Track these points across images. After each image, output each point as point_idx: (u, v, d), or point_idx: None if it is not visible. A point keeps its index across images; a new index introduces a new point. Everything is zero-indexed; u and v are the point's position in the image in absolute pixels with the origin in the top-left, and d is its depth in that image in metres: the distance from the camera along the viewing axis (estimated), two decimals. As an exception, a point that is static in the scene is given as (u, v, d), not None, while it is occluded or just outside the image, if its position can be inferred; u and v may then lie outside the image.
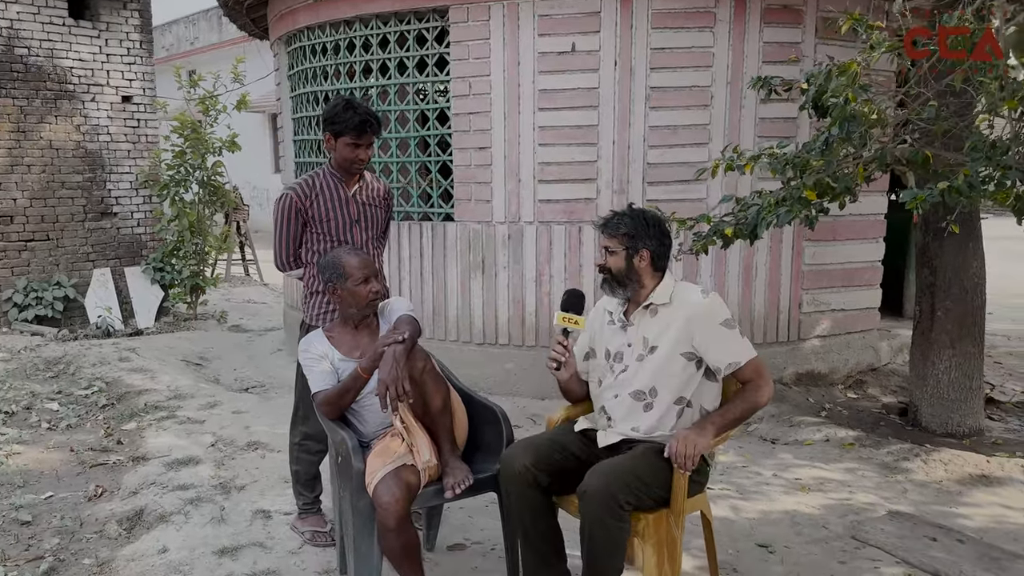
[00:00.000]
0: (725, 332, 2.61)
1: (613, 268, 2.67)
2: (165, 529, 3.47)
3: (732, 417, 2.60)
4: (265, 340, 7.57)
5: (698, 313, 2.62)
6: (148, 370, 6.08)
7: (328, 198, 3.28)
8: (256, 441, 4.52)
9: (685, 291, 2.69)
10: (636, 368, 2.67)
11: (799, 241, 5.20)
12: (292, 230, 3.29)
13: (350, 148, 3.19)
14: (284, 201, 3.28)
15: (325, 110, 3.23)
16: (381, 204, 3.44)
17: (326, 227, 3.28)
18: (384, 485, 2.55)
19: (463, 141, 5.25)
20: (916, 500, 3.77)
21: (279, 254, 3.36)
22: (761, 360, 2.64)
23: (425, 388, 2.76)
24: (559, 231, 5.14)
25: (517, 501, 2.64)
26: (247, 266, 11.93)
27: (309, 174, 3.35)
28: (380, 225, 3.45)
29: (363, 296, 2.85)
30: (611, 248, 2.67)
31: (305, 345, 2.95)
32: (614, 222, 2.67)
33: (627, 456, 2.53)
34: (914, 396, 4.79)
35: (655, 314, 2.68)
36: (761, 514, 3.62)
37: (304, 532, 3.43)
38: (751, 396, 2.61)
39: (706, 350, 2.62)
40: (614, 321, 2.77)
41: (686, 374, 2.64)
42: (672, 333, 2.63)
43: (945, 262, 4.58)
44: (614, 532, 2.38)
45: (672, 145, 4.97)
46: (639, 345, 2.68)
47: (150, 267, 8.43)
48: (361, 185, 3.36)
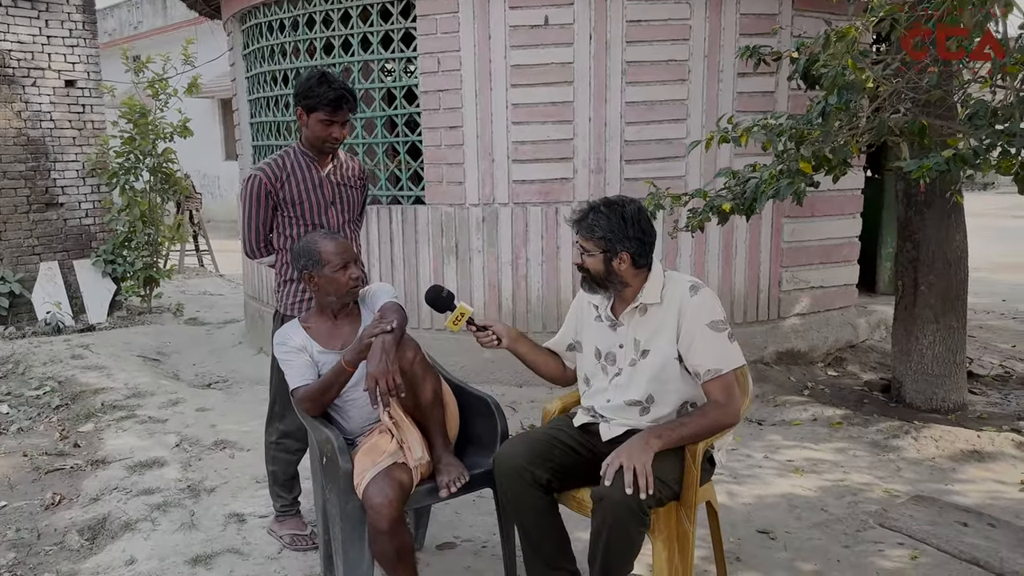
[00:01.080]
0: (710, 334, 2.40)
1: (591, 269, 2.46)
2: (131, 538, 3.24)
3: (686, 434, 2.34)
4: (225, 332, 7.28)
5: (684, 311, 2.42)
6: (103, 367, 5.78)
7: (300, 179, 3.07)
8: (224, 440, 4.28)
9: (674, 286, 2.47)
10: (630, 374, 2.49)
11: (778, 218, 5.10)
12: (262, 214, 3.08)
13: (324, 125, 2.98)
14: (252, 183, 3.06)
15: (298, 84, 3.03)
16: (357, 185, 3.23)
17: (298, 210, 3.07)
18: (375, 486, 2.37)
19: (432, 120, 5.04)
20: (911, 478, 3.70)
21: (248, 240, 3.14)
22: (736, 377, 2.41)
23: (415, 380, 2.58)
24: (535, 213, 4.96)
25: (516, 501, 2.46)
26: (201, 257, 11.55)
27: (279, 153, 3.13)
28: (356, 207, 3.24)
29: (342, 284, 2.65)
30: (587, 249, 2.45)
31: (281, 338, 2.74)
32: (588, 223, 2.43)
33: None
34: (897, 372, 4.74)
35: (645, 313, 2.49)
36: (757, 499, 3.51)
37: (283, 536, 3.24)
38: (712, 414, 2.36)
39: (686, 351, 2.41)
40: (602, 318, 2.58)
41: (687, 382, 2.46)
42: (665, 335, 2.44)
43: (928, 235, 4.52)
44: (634, 536, 2.22)
45: (650, 121, 4.82)
46: (630, 348, 2.50)
47: (101, 259, 8.04)
48: (335, 165, 3.15)
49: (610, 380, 2.53)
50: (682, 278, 2.51)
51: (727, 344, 2.41)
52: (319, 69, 3.07)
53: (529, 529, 2.49)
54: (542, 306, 5.04)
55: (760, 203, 2.78)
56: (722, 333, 2.42)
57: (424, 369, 2.59)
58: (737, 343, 2.44)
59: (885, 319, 5.89)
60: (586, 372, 2.61)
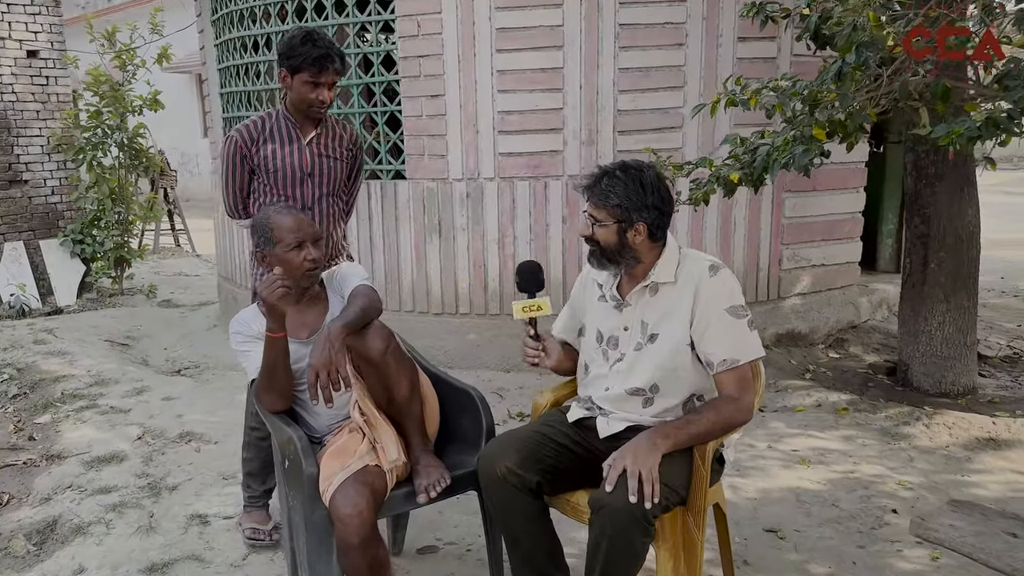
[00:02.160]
0: (728, 320, 2.14)
1: (602, 242, 2.18)
2: (82, 543, 2.97)
3: (696, 432, 2.09)
4: (199, 315, 6.96)
5: (701, 292, 2.16)
6: (67, 353, 5.47)
7: (278, 145, 2.83)
8: (189, 432, 4.00)
9: (692, 264, 2.21)
10: (634, 359, 2.22)
11: (779, 192, 4.83)
12: (238, 177, 2.88)
13: (308, 87, 2.74)
14: (228, 144, 2.85)
15: (281, 43, 2.78)
16: (343, 156, 2.95)
17: (273, 178, 2.83)
18: (343, 494, 2.09)
19: (412, 88, 4.72)
20: (925, 469, 3.47)
21: (227, 202, 2.95)
22: (752, 370, 2.18)
23: (388, 372, 2.30)
24: (523, 187, 4.67)
25: (503, 508, 2.20)
26: (177, 236, 11.17)
27: (261, 114, 2.89)
28: (339, 181, 2.97)
29: (295, 265, 2.35)
30: (599, 219, 2.17)
31: (237, 325, 2.45)
32: (602, 188, 2.15)
33: None
34: (903, 354, 4.49)
35: (655, 292, 2.22)
36: (762, 493, 3.27)
37: (245, 529, 3.00)
38: (725, 410, 2.11)
39: (700, 337, 2.15)
40: (606, 298, 2.31)
41: (697, 371, 2.19)
42: (677, 318, 2.17)
43: (939, 210, 4.26)
44: (638, 548, 1.96)
45: (644, 89, 4.53)
46: (637, 331, 2.23)
47: (68, 239, 7.69)
48: (320, 132, 2.89)
49: (610, 366, 2.26)
50: (700, 256, 2.24)
51: (746, 332, 2.15)
52: (304, 28, 2.81)
53: (518, 536, 2.22)
54: (530, 286, 4.75)
55: (772, 173, 2.50)
56: (742, 320, 2.15)
57: (398, 360, 2.31)
58: (757, 332, 2.18)
59: (887, 298, 5.65)
60: (585, 358, 2.33)
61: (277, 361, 2.28)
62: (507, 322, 4.78)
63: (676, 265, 2.21)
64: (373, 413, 2.29)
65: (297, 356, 2.38)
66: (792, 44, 4.64)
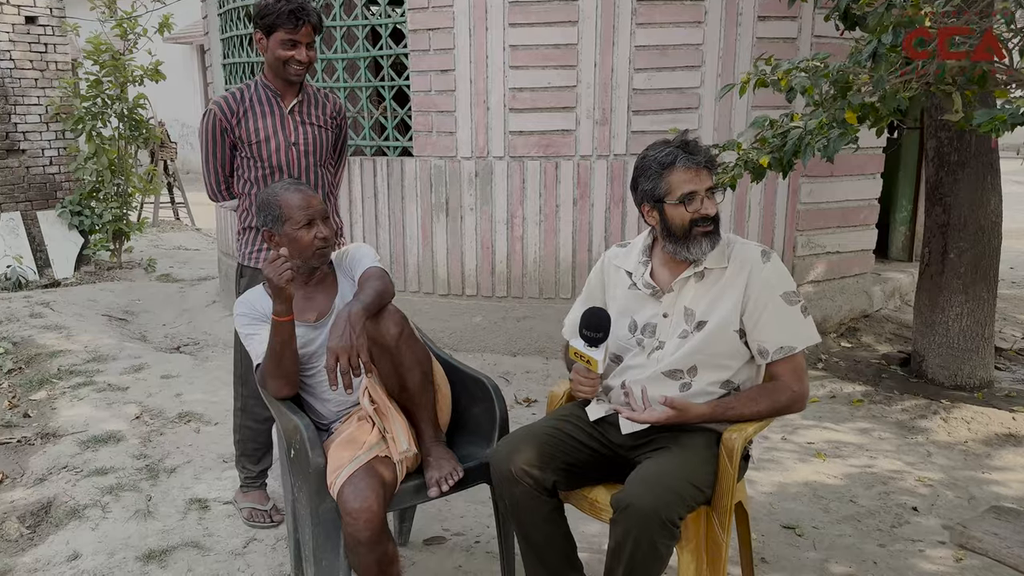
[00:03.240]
0: (783, 307, 2.07)
1: (717, 215, 2.09)
2: (77, 527, 2.87)
3: (747, 414, 2.06)
4: (198, 291, 6.84)
5: (754, 279, 2.07)
6: (64, 327, 5.36)
7: (260, 114, 2.72)
8: (189, 412, 3.90)
9: (742, 250, 2.12)
10: (677, 347, 2.12)
11: (795, 177, 4.70)
12: (220, 153, 2.76)
13: (286, 45, 2.64)
14: (207, 119, 2.73)
15: (255, 6, 2.65)
16: (328, 124, 2.84)
17: (256, 150, 2.71)
18: (352, 487, 1.99)
19: (421, 63, 4.58)
20: (944, 465, 3.38)
21: (208, 182, 2.83)
22: (804, 357, 2.12)
23: (401, 358, 2.19)
24: (533, 167, 4.54)
25: (518, 508, 2.09)
26: (176, 209, 11.03)
27: (239, 86, 2.77)
28: (326, 150, 2.85)
29: (306, 244, 2.24)
30: (714, 188, 2.08)
31: (243, 307, 2.34)
32: (705, 150, 2.07)
33: (674, 457, 1.98)
34: (918, 345, 4.40)
35: (702, 279, 2.12)
36: (778, 487, 3.18)
37: (243, 508, 2.93)
38: (784, 398, 2.08)
39: (754, 325, 2.07)
40: (638, 286, 2.20)
41: (738, 355, 2.11)
42: (727, 305, 2.08)
43: (960, 199, 4.14)
44: (663, 552, 1.86)
45: (661, 68, 4.39)
46: (680, 318, 2.13)
47: (67, 211, 7.56)
48: (302, 99, 2.78)
49: (648, 355, 2.16)
50: (748, 242, 2.17)
51: (801, 318, 2.08)
52: None
53: (531, 536, 2.12)
54: (539, 271, 4.65)
55: (805, 157, 2.39)
56: (795, 306, 2.08)
57: (411, 346, 2.20)
58: (811, 317, 2.10)
59: (900, 287, 5.55)
60: (614, 349, 2.22)
61: (284, 346, 2.18)
62: (514, 305, 4.68)
63: (727, 249, 2.11)
64: (384, 401, 2.19)
65: (305, 340, 2.28)
66: (813, 24, 4.50)
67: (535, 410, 3.96)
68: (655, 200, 2.11)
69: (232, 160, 2.78)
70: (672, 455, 1.98)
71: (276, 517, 2.90)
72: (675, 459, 1.97)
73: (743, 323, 2.09)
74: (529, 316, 4.71)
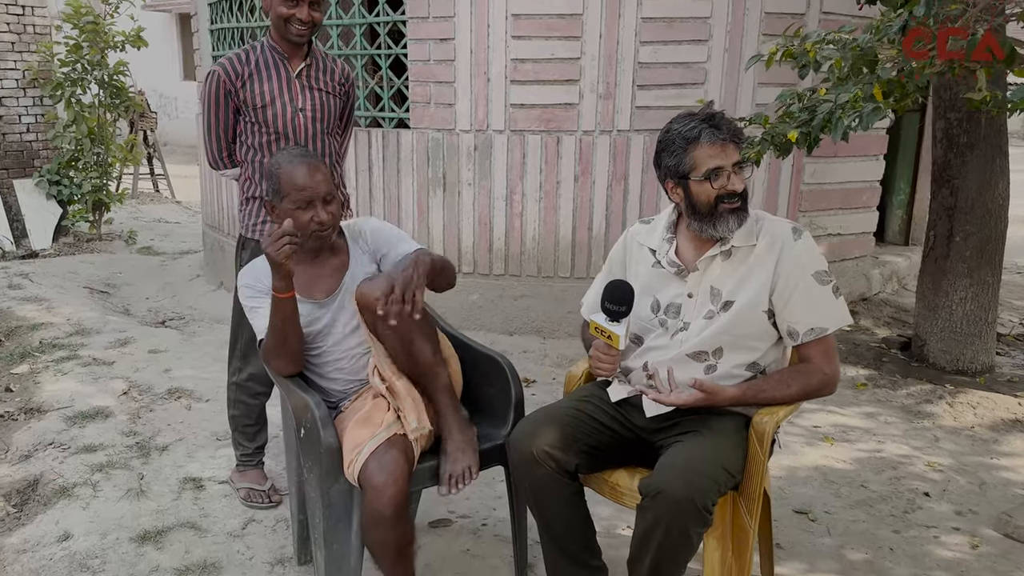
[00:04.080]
0: (815, 287, 1.98)
1: (744, 192, 2.00)
2: (67, 507, 2.75)
3: (777, 397, 1.98)
4: (181, 264, 6.68)
5: (785, 257, 1.98)
6: (44, 299, 5.20)
7: (266, 78, 2.58)
8: (179, 388, 3.78)
9: (772, 226, 2.03)
10: (702, 327, 2.03)
11: (799, 157, 4.63)
12: (222, 118, 2.62)
13: (287, 3, 2.50)
14: (211, 80, 2.58)
15: None
16: (336, 91, 2.71)
17: (262, 115, 2.58)
18: (377, 462, 1.90)
19: (420, 30, 4.44)
20: (952, 450, 3.34)
21: (209, 148, 2.68)
22: (834, 339, 2.04)
23: (412, 334, 2.09)
24: (534, 141, 4.43)
25: (538, 492, 2.01)
26: (156, 181, 10.78)
27: (244, 47, 2.62)
28: (333, 117, 2.72)
29: (302, 224, 2.11)
30: (742, 163, 1.98)
31: (247, 278, 2.23)
32: (732, 126, 1.98)
33: (705, 441, 1.90)
34: (920, 329, 4.36)
35: (728, 257, 2.03)
36: (788, 471, 3.12)
37: (240, 488, 2.83)
38: (814, 381, 1.99)
39: (784, 306, 1.99)
40: (662, 264, 2.11)
41: (766, 337, 2.03)
42: (756, 284, 1.99)
43: (968, 181, 4.09)
44: (694, 539, 1.78)
45: (667, 41, 4.28)
46: (706, 298, 2.04)
47: (44, 180, 7.36)
48: (310, 63, 2.65)
49: (672, 336, 2.07)
50: (778, 218, 2.07)
51: (832, 299, 2.00)
52: None
53: (551, 520, 2.04)
54: (538, 248, 4.55)
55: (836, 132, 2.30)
56: (827, 286, 2.00)
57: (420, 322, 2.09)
58: (843, 298, 2.02)
59: (897, 271, 5.51)
60: (635, 330, 2.13)
61: (286, 323, 2.08)
62: (511, 283, 4.58)
63: (756, 227, 2.02)
64: (393, 378, 2.08)
65: (311, 318, 2.17)
66: (822, 1, 4.42)
67: (534, 391, 3.88)
68: (679, 176, 2.02)
69: (235, 125, 2.65)
70: (703, 439, 1.90)
71: (275, 497, 2.80)
72: (706, 443, 1.89)
73: (772, 303, 2.01)
74: (527, 295, 4.61)
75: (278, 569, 2.44)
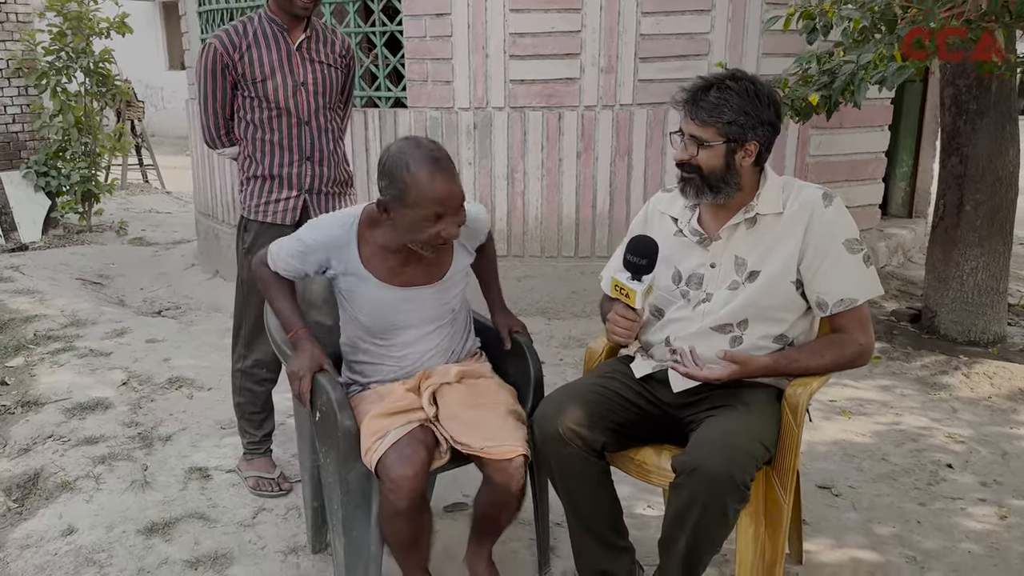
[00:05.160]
0: (845, 256, 1.88)
1: (704, 167, 1.88)
2: (70, 500, 2.67)
3: (811, 367, 1.90)
4: (174, 254, 6.57)
5: (814, 224, 1.88)
6: (37, 291, 5.09)
7: (265, 50, 2.48)
8: (179, 377, 3.69)
9: (801, 192, 1.93)
10: (726, 299, 1.94)
11: (805, 129, 4.55)
12: (219, 93, 2.52)
13: None
14: (206, 54, 2.47)
15: None
16: (337, 63, 2.61)
17: (261, 89, 2.48)
18: (397, 453, 1.82)
19: (415, 5, 4.33)
20: (971, 421, 3.29)
21: (206, 126, 2.58)
22: (867, 308, 1.95)
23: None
24: (535, 118, 4.33)
25: (564, 471, 1.93)
26: (145, 172, 10.62)
27: (241, 19, 2.52)
28: (334, 92, 2.63)
29: (425, 239, 1.88)
30: (704, 139, 1.86)
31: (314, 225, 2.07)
32: (712, 102, 1.83)
33: (740, 415, 1.82)
34: (930, 301, 4.30)
35: (753, 224, 1.94)
36: (807, 447, 3.05)
37: (248, 477, 2.75)
38: (848, 352, 1.91)
39: (813, 275, 1.90)
40: (684, 232, 2.02)
41: (794, 308, 1.94)
42: (783, 253, 1.90)
43: (978, 149, 4.02)
44: (732, 516, 1.71)
45: (670, 12, 4.18)
46: (730, 268, 1.95)
47: (32, 171, 7.20)
48: (310, 35, 2.55)
49: (693, 307, 1.98)
50: (808, 184, 1.97)
51: (863, 268, 1.90)
52: None
53: (578, 501, 1.97)
54: (540, 228, 4.47)
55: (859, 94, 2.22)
56: (858, 255, 1.90)
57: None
58: (874, 267, 1.93)
59: (903, 243, 5.46)
60: (656, 302, 2.06)
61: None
62: (514, 264, 4.50)
63: (782, 194, 1.93)
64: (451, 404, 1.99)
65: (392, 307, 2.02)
66: (826, -32, 4.32)
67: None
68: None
69: (233, 101, 2.55)
70: (738, 413, 1.82)
71: (284, 485, 2.72)
72: (741, 417, 1.81)
73: (800, 273, 1.93)
74: (530, 275, 4.53)
75: (291, 558, 2.36)
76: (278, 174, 2.60)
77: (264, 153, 2.58)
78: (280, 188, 2.62)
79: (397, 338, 2.07)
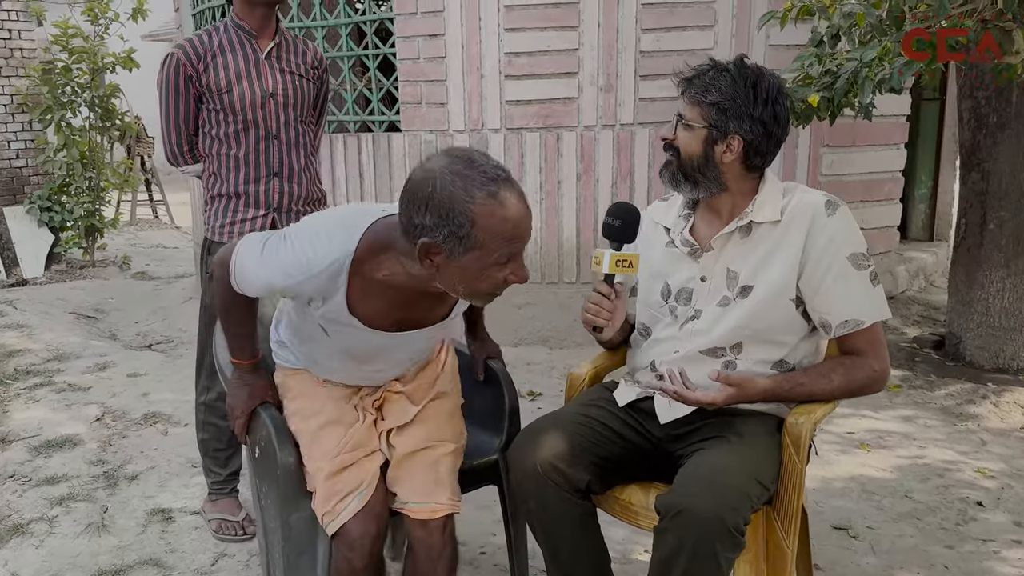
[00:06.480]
0: (851, 272, 1.67)
1: (683, 150, 1.71)
2: (19, 545, 2.48)
3: (811, 392, 1.68)
4: (175, 288, 6.44)
5: (816, 235, 1.67)
6: (26, 326, 4.95)
7: (231, 60, 2.32)
8: (156, 412, 3.51)
9: (802, 199, 1.71)
10: (716, 316, 1.73)
11: (816, 147, 4.35)
12: (182, 106, 2.35)
13: None
14: (168, 64, 2.32)
15: None
16: (309, 74, 2.45)
17: (227, 99, 2.31)
18: (356, 521, 1.61)
19: (408, 27, 4.20)
20: (1002, 453, 3.02)
21: (168, 141, 2.41)
22: (881, 329, 1.73)
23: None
24: (532, 140, 4.17)
25: (543, 512, 1.71)
26: (155, 207, 10.59)
27: (207, 28, 2.36)
28: (306, 104, 2.46)
29: (491, 288, 1.50)
30: (688, 119, 1.69)
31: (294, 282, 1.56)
32: (705, 80, 1.68)
33: (733, 448, 1.60)
34: (954, 326, 4.04)
35: (748, 234, 1.73)
36: (823, 483, 2.81)
37: (211, 520, 2.55)
38: (859, 377, 1.69)
39: (814, 292, 1.68)
40: (675, 243, 1.82)
41: (795, 329, 1.73)
42: (780, 266, 1.69)
43: (1000, 164, 3.79)
44: (724, 565, 1.48)
45: (670, 28, 4.02)
46: (721, 282, 1.74)
47: (35, 206, 7.14)
48: (279, 43, 2.39)
49: (681, 325, 1.77)
50: (811, 190, 1.76)
51: (869, 287, 1.69)
52: None
53: (559, 548, 1.74)
54: (540, 253, 4.28)
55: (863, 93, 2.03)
56: (865, 271, 1.68)
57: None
58: (882, 287, 1.71)
59: (924, 267, 5.21)
60: (644, 319, 1.85)
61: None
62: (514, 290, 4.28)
63: (782, 202, 1.72)
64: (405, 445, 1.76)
65: (392, 343, 1.69)
66: (834, -20, 4.15)
67: (540, 404, 3.59)
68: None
69: (197, 115, 2.39)
70: (730, 446, 1.60)
71: (249, 529, 2.52)
72: (734, 450, 1.59)
73: (800, 289, 1.71)
74: (530, 303, 4.33)
75: (249, 610, 2.15)
76: (244, 191, 2.44)
77: (229, 169, 2.42)
78: (247, 207, 2.46)
79: (369, 365, 1.84)
